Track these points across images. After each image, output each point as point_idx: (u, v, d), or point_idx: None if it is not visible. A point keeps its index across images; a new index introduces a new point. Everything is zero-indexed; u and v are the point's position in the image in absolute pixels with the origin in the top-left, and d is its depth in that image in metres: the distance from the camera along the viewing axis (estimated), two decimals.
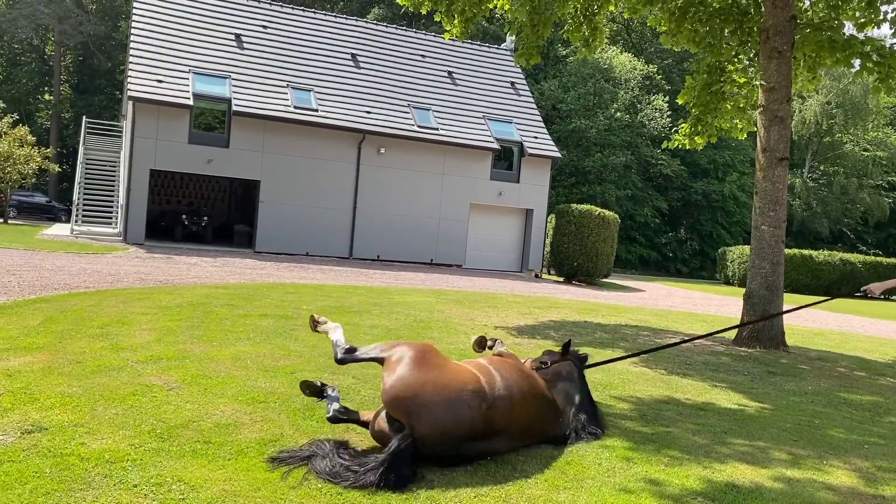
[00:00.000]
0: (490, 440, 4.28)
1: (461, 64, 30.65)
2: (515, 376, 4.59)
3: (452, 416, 4.10)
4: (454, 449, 4.12)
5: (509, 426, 4.37)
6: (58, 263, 15.35)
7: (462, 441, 4.15)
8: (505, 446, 4.39)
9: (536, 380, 4.81)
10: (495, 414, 4.30)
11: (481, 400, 4.27)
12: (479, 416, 4.20)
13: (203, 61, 24.89)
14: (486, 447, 4.28)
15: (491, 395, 4.33)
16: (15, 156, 26.84)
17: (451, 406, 4.14)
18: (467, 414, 4.14)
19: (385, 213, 26.01)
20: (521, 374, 4.66)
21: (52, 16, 43.50)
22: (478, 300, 14.27)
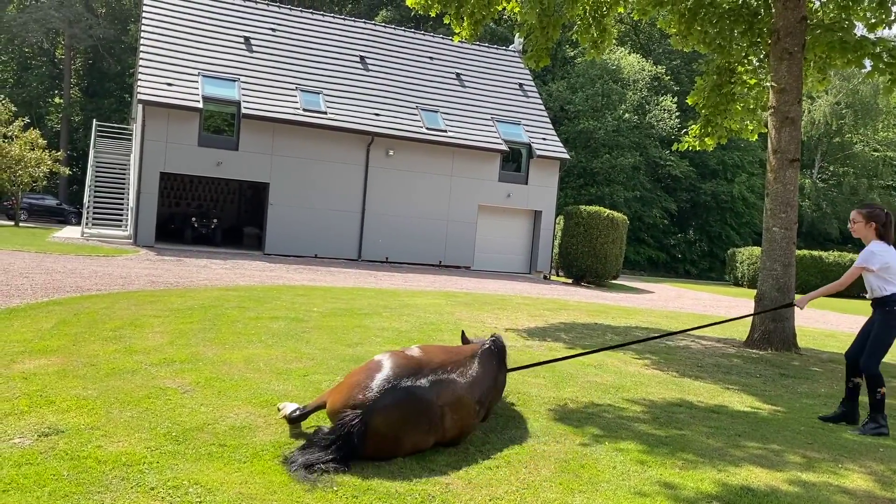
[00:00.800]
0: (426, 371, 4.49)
1: (469, 66, 30.66)
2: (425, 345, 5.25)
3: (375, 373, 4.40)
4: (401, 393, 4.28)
5: (432, 356, 4.75)
6: (69, 266, 15.43)
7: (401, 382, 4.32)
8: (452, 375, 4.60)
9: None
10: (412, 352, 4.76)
11: (392, 353, 4.69)
12: (397, 357, 4.57)
13: (212, 64, 24.98)
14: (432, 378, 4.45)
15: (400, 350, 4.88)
16: (26, 159, 26.99)
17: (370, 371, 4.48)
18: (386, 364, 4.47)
19: (394, 215, 26.04)
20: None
21: (62, 19, 43.75)
22: (487, 302, 14.27)
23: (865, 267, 5.70)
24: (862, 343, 5.89)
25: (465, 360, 4.86)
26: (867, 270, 5.72)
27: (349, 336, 8.47)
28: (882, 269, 5.65)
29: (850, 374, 5.97)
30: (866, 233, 5.81)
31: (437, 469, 4.16)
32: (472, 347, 5.21)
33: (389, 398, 4.23)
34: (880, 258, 5.66)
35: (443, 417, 4.34)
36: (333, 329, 8.96)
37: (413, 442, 4.27)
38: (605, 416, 5.48)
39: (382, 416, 4.17)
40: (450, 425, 4.39)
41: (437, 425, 4.32)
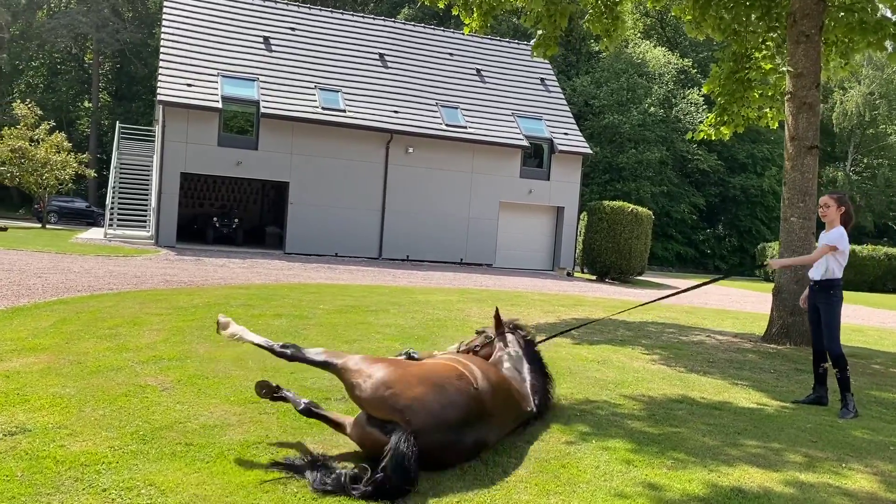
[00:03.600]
0: (483, 425, 4.13)
1: (490, 61, 30.39)
2: (482, 364, 4.60)
3: (446, 401, 3.95)
4: (453, 437, 3.93)
5: (495, 408, 4.27)
6: (86, 266, 15.50)
7: (459, 428, 3.97)
8: (496, 434, 4.30)
9: (496, 367, 4.88)
10: (483, 396, 4.19)
11: (469, 383, 4.16)
12: (471, 399, 4.08)
13: (232, 64, 25.05)
14: (481, 435, 4.12)
15: (475, 378, 4.24)
16: (52, 162, 27.33)
17: (442, 391, 4.00)
18: (460, 398, 4.01)
19: (414, 213, 25.88)
20: (483, 363, 4.67)
21: (89, 24, 44.34)
22: (501, 299, 14.02)
23: (836, 246, 5.95)
24: (815, 327, 6.25)
25: (514, 419, 4.56)
26: (835, 250, 5.96)
27: (349, 333, 8.31)
28: (842, 251, 5.98)
29: (818, 361, 6.26)
30: (834, 217, 6.05)
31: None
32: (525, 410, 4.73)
33: (442, 436, 3.86)
34: (846, 240, 6.00)
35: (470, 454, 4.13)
36: (335, 326, 8.81)
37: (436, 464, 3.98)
38: (598, 413, 5.24)
39: (426, 444, 3.76)
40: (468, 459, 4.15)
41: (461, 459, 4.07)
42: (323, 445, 4.28)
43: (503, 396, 4.42)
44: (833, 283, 6.01)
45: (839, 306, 6.08)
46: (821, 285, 6.08)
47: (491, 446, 4.25)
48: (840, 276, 6.04)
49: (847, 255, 6.04)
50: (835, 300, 6.02)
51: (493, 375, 4.46)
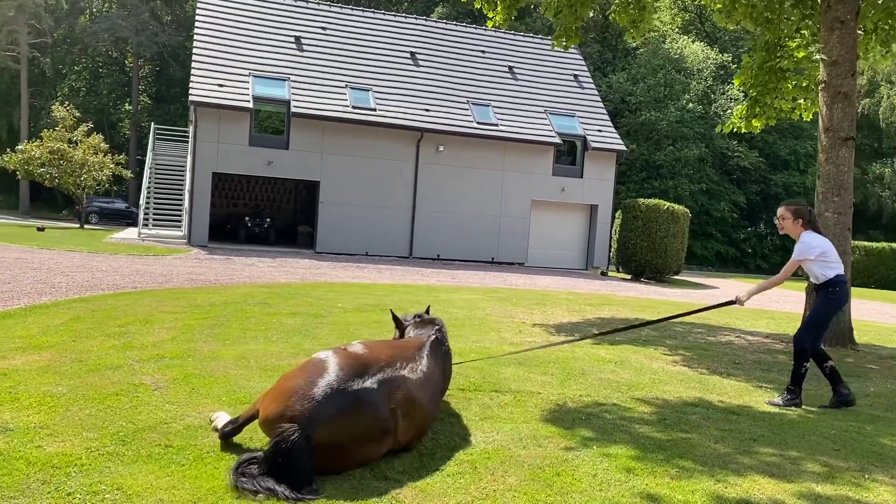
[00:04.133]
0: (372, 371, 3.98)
1: (522, 58, 30.05)
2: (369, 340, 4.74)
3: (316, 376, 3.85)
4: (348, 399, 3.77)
5: (378, 353, 4.23)
6: (114, 265, 15.62)
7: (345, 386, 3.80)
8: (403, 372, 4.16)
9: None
10: (355, 350, 4.19)
11: (333, 351, 4.14)
12: (341, 357, 4.02)
13: (263, 64, 25.14)
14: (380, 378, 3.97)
15: (340, 346, 4.29)
16: (89, 163, 27.77)
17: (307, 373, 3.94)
18: (327, 365, 3.94)
19: (444, 212, 25.68)
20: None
21: (129, 29, 45.09)
22: (527, 298, 13.74)
23: (804, 259, 5.87)
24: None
25: (413, 355, 4.41)
26: (807, 261, 5.87)
27: (360, 331, 8.13)
28: (820, 255, 5.84)
29: (820, 363, 5.97)
30: (794, 228, 6.02)
31: (392, 476, 3.74)
32: (419, 340, 4.76)
33: (334, 406, 3.71)
34: (817, 248, 5.86)
35: (395, 422, 3.89)
36: (347, 325, 8.64)
37: (365, 452, 3.80)
38: (605, 417, 4.96)
39: (328, 428, 3.64)
40: (403, 430, 3.94)
41: (390, 430, 3.87)
42: None
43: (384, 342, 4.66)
44: (829, 283, 5.85)
45: (836, 304, 5.91)
46: (818, 286, 5.99)
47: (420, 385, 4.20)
48: (835, 275, 5.84)
49: (830, 254, 5.87)
50: (832, 299, 5.85)
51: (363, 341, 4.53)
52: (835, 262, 5.87)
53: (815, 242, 5.91)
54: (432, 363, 4.50)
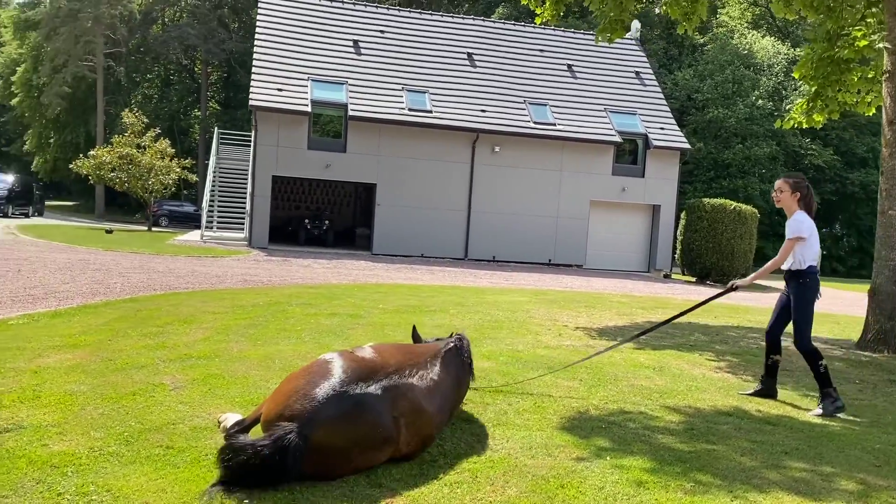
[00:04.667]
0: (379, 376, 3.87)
1: (581, 56, 29.56)
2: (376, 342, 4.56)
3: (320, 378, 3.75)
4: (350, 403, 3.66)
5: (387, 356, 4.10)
6: (171, 266, 15.97)
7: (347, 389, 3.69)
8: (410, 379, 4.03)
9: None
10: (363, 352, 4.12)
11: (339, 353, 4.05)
12: (346, 360, 3.91)
13: (321, 68, 25.43)
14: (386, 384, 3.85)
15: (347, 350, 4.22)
16: (156, 167, 28.63)
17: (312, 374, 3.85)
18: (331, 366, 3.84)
19: (500, 213, 25.45)
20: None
21: (198, 36, 46.38)
22: (577, 300, 13.42)
23: (799, 237, 5.62)
24: (780, 318, 5.91)
25: (425, 363, 4.25)
26: (801, 240, 5.62)
27: (395, 333, 8.02)
28: (810, 237, 5.65)
29: (770, 352, 5.95)
30: (790, 203, 5.78)
31: (387, 483, 3.60)
32: (434, 347, 4.59)
33: (334, 408, 3.60)
34: (808, 229, 5.66)
35: (398, 430, 3.74)
36: (384, 326, 8.56)
37: (363, 459, 3.66)
38: (627, 426, 4.70)
39: (326, 430, 3.54)
40: (406, 439, 3.78)
41: (392, 439, 3.72)
42: None
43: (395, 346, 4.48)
44: (802, 273, 5.66)
45: (812, 298, 5.70)
46: (790, 274, 5.76)
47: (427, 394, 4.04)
48: (810, 265, 5.67)
49: (815, 241, 5.68)
50: (806, 290, 5.65)
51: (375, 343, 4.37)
52: (816, 251, 5.70)
53: (809, 223, 5.71)
54: (444, 373, 4.33)
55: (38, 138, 51.63)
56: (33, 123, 51.52)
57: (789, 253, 5.70)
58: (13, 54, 54.08)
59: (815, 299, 5.75)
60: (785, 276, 5.87)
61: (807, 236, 5.65)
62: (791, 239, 5.67)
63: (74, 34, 45.30)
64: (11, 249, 16.81)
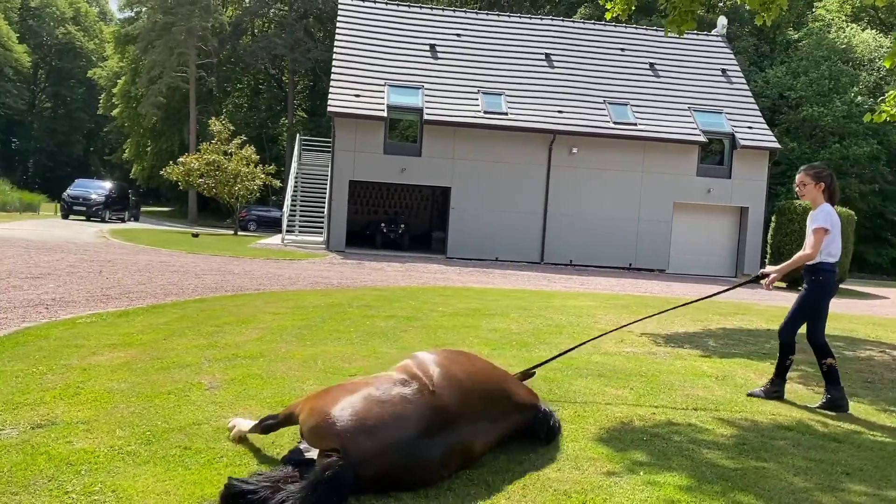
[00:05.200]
0: (455, 430, 3.47)
1: (664, 54, 28.67)
2: (447, 357, 3.88)
3: (393, 416, 3.35)
4: (414, 453, 3.33)
5: (468, 406, 3.59)
6: (247, 269, 16.31)
7: (418, 440, 3.34)
8: (485, 434, 3.67)
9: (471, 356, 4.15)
10: (446, 397, 3.52)
11: (419, 386, 3.52)
12: (425, 404, 3.45)
13: (398, 73, 25.59)
14: (456, 440, 3.47)
15: (428, 377, 3.58)
16: (242, 173, 29.48)
17: (384, 404, 3.40)
18: (409, 407, 3.40)
19: (578, 216, 24.92)
20: (451, 354, 3.96)
21: (284, 46, 47.65)
22: (652, 306, 12.87)
23: (828, 229, 5.38)
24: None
25: (507, 414, 3.88)
26: (827, 232, 5.37)
27: (447, 336, 7.85)
28: (833, 231, 5.41)
29: (787, 352, 5.71)
30: (815, 195, 5.53)
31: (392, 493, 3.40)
32: (526, 400, 4.12)
33: (399, 456, 3.29)
34: (836, 223, 5.43)
35: (444, 474, 3.50)
36: (437, 329, 8.39)
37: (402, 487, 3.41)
38: (672, 439, 4.35)
39: (380, 472, 3.27)
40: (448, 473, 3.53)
41: (436, 476, 3.46)
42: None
43: (483, 389, 3.79)
44: (819, 268, 5.42)
45: (822, 295, 5.49)
46: (807, 268, 5.52)
47: (482, 450, 3.68)
48: (830, 262, 5.44)
49: (838, 236, 5.41)
50: (818, 287, 5.45)
51: (462, 367, 3.81)
52: (838, 246, 5.45)
53: (836, 216, 5.49)
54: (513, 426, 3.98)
55: (136, 147, 54.25)
56: (132, 133, 54.14)
57: (820, 245, 5.39)
58: (115, 68, 57.01)
59: (829, 297, 5.57)
60: (801, 271, 5.62)
61: (830, 228, 5.40)
62: (819, 229, 5.39)
63: (169, 46, 47.39)
64: (99, 252, 17.55)
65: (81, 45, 68.39)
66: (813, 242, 5.39)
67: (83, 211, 33.35)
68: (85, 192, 34.38)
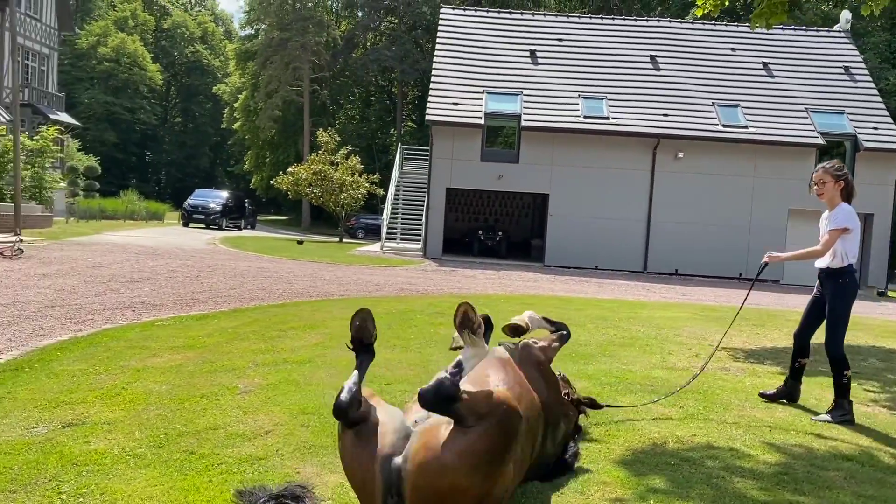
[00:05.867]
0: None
1: (779, 53, 27.09)
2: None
3: None
4: None
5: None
6: (339, 275, 16.58)
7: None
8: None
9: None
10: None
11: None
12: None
13: (497, 80, 25.46)
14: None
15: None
16: (347, 183, 30.20)
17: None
18: None
19: (684, 223, 23.88)
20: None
21: (394, 58, 48.61)
22: (749, 318, 12.05)
23: (846, 227, 5.20)
24: (809, 321, 5.58)
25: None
26: (846, 231, 5.21)
27: None
28: (851, 231, 5.25)
29: (798, 355, 5.66)
30: (834, 194, 5.34)
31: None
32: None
33: None
34: (856, 225, 5.27)
35: None
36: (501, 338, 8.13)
37: None
38: (704, 464, 3.96)
39: None
40: None
41: None
42: (319, 472, 3.74)
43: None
44: (843, 271, 5.22)
45: (851, 298, 5.29)
46: (827, 273, 5.32)
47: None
48: (852, 263, 5.26)
49: (859, 237, 5.26)
50: (845, 291, 5.24)
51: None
52: (857, 247, 5.35)
53: (855, 217, 5.29)
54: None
55: (255, 158, 56.80)
56: (252, 145, 56.72)
57: (832, 245, 5.23)
58: (237, 83, 59.99)
59: (853, 299, 5.35)
60: (820, 276, 5.44)
61: (852, 228, 5.23)
62: (835, 230, 5.20)
63: (285, 62, 49.38)
64: (203, 258, 18.36)
65: (208, 62, 72.49)
66: (827, 240, 5.23)
67: (202, 219, 35.16)
68: (204, 201, 36.26)
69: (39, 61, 35.74)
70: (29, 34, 34.12)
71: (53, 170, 28.73)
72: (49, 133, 26.33)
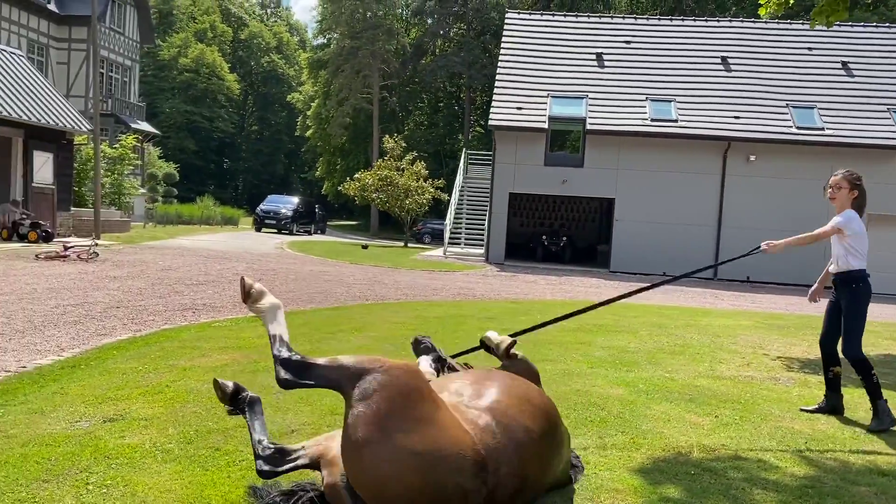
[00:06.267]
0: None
1: (860, 51, 25.98)
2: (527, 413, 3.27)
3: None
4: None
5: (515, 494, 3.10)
6: (398, 279, 16.77)
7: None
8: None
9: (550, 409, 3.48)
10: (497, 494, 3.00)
11: (482, 482, 2.93)
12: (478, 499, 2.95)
13: (562, 84, 25.28)
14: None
15: (494, 468, 2.99)
16: (412, 188, 30.49)
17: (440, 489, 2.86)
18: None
19: (756, 229, 22.99)
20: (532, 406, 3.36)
21: (462, 63, 48.84)
22: (812, 327, 11.60)
23: (842, 229, 5.40)
24: (832, 326, 5.59)
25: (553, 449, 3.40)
26: (841, 234, 5.42)
27: (550, 352, 7.57)
28: (852, 235, 5.41)
29: (828, 364, 5.61)
30: (845, 200, 5.53)
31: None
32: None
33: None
34: (858, 224, 5.43)
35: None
36: (546, 344, 8.10)
37: None
38: (726, 475, 3.84)
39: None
40: None
41: None
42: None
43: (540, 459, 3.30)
44: (854, 276, 5.39)
45: (865, 302, 5.40)
46: (840, 279, 5.48)
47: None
48: (861, 267, 5.41)
49: (866, 243, 5.43)
50: (859, 294, 5.37)
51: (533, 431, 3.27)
52: (864, 253, 5.45)
53: (859, 223, 5.46)
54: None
55: (326, 165, 57.95)
56: (324, 152, 57.90)
57: (825, 237, 5.51)
58: (309, 92, 61.37)
59: (867, 303, 5.43)
60: (834, 282, 5.58)
61: (848, 233, 5.39)
62: (835, 227, 5.42)
63: (355, 70, 50.24)
64: (269, 262, 18.85)
65: (283, 71, 74.42)
66: (821, 233, 5.49)
67: (273, 224, 36.12)
68: (275, 206, 37.24)
69: (122, 73, 37.44)
70: (112, 47, 35.80)
71: (133, 177, 30.00)
72: (128, 141, 27.52)
